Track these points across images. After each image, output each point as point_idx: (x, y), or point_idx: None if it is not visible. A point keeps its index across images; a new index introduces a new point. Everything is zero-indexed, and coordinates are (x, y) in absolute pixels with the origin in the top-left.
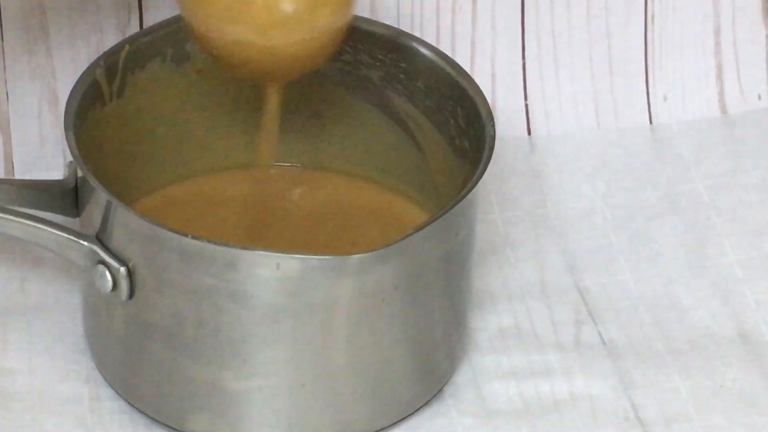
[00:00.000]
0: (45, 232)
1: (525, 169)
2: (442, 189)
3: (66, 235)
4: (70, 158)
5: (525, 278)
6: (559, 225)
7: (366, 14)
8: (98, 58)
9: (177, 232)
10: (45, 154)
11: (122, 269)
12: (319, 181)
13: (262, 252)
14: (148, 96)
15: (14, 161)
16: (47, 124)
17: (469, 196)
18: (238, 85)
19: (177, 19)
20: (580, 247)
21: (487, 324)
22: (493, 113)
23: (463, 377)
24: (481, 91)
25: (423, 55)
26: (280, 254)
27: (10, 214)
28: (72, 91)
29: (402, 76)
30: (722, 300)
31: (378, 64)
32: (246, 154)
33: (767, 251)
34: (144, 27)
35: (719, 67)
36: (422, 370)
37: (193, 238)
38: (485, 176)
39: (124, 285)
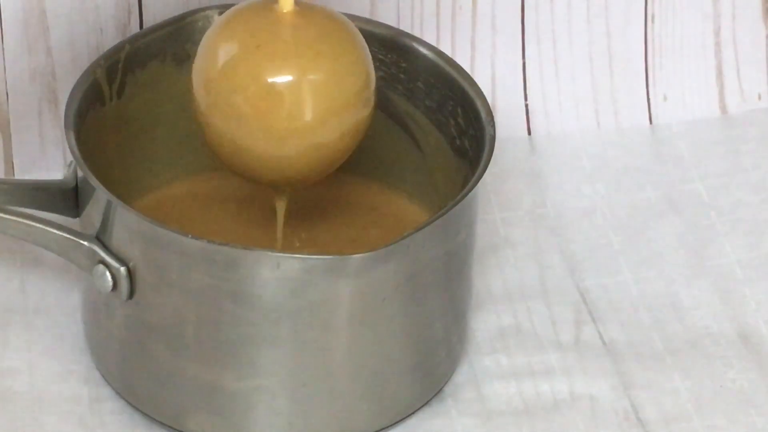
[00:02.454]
0: (45, 232)
1: (525, 169)
2: (442, 189)
3: (66, 235)
4: (70, 158)
5: (525, 278)
6: (559, 225)
7: (366, 14)
8: (98, 58)
9: (177, 232)
10: (45, 154)
11: (122, 269)
12: (319, 181)
13: (262, 252)
14: (148, 96)
15: (14, 161)
16: (47, 124)
17: (469, 196)
18: None
19: (177, 19)
20: (580, 247)
21: (487, 324)
22: (493, 113)
23: (463, 377)
24: (481, 91)
25: (423, 55)
26: (280, 254)
27: (10, 214)
28: (72, 91)
29: (402, 76)
30: (722, 300)
31: (378, 64)
32: None
33: (767, 251)
34: (144, 27)
35: (719, 67)
36: (422, 370)
37: (193, 238)
38: (485, 176)
39: (124, 285)
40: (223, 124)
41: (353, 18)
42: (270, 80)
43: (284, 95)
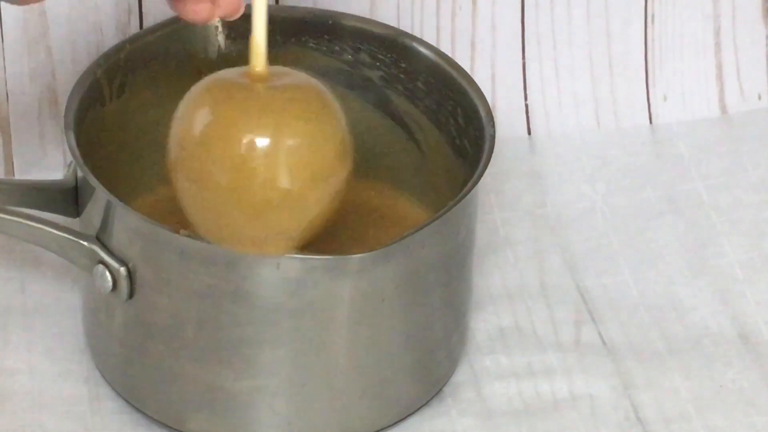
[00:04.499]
0: (45, 232)
1: (525, 169)
2: (442, 189)
3: (66, 235)
4: (70, 158)
5: (525, 278)
6: (559, 225)
7: (366, 14)
8: (98, 58)
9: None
10: (45, 154)
11: (122, 269)
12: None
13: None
14: (148, 96)
15: (14, 161)
16: (47, 124)
17: (469, 196)
18: None
19: (177, 19)
20: (580, 247)
21: (487, 324)
22: (493, 113)
23: (463, 377)
24: (481, 91)
25: (423, 55)
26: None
27: (10, 214)
28: (72, 91)
29: (402, 76)
30: (722, 300)
31: (378, 64)
32: None
33: (767, 251)
34: (144, 27)
35: (719, 67)
36: (422, 370)
37: (193, 238)
38: (485, 176)
39: (124, 285)
40: (198, 194)
41: (353, 18)
42: (245, 148)
43: (260, 163)
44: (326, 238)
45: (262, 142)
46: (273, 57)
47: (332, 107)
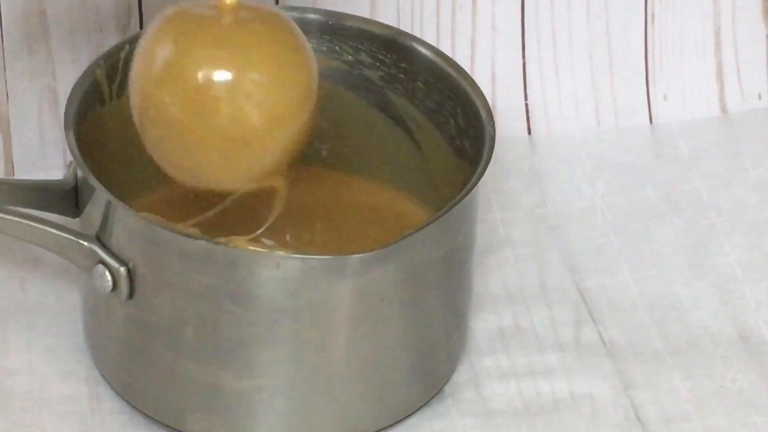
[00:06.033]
0: (45, 232)
1: (525, 169)
2: (442, 189)
3: (66, 235)
4: (70, 158)
5: (525, 278)
6: (559, 225)
7: (366, 14)
8: (98, 58)
9: (177, 232)
10: (45, 154)
11: (122, 269)
12: (319, 181)
13: (262, 252)
14: None
15: (14, 161)
16: (47, 124)
17: (469, 196)
18: None
19: None
20: (580, 247)
21: (487, 324)
22: (493, 113)
23: (463, 377)
24: (481, 91)
25: (423, 55)
26: (280, 254)
27: (10, 214)
28: (72, 91)
29: (402, 76)
30: (722, 300)
31: (378, 64)
32: None
33: (767, 251)
34: (144, 27)
35: (719, 67)
36: (422, 370)
37: (193, 237)
38: (485, 176)
39: (124, 285)
40: (161, 133)
41: (353, 18)
42: (207, 84)
43: (223, 100)
44: (326, 238)
45: (225, 75)
46: None
47: (300, 46)
